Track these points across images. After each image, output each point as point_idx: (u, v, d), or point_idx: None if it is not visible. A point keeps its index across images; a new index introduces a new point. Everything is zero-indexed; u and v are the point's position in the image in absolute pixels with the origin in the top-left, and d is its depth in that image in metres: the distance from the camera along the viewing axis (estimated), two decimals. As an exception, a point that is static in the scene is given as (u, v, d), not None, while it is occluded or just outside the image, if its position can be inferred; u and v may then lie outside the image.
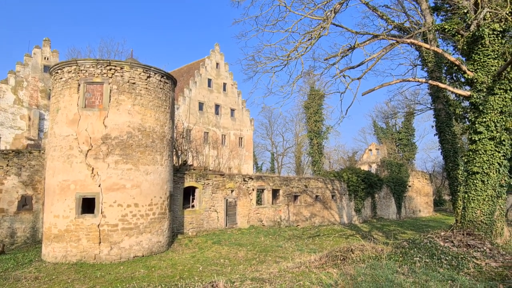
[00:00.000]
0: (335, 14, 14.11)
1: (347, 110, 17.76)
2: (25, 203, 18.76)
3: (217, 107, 44.43)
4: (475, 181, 13.25)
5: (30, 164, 19.07)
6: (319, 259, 11.01)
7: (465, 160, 14.07)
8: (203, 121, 42.23)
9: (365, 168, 50.51)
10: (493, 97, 12.88)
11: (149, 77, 17.20)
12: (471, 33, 13.44)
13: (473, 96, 13.31)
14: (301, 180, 29.49)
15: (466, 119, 16.22)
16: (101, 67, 16.27)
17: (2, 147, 30.91)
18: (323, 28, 14.07)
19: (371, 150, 58.65)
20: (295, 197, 28.60)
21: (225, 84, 45.88)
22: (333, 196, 31.72)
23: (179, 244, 18.63)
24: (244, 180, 25.18)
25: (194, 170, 23.26)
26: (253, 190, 25.46)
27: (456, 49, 15.71)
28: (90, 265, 14.59)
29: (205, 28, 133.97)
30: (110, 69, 16.33)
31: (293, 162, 62.01)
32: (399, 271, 8.69)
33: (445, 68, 17.74)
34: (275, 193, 27.42)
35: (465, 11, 13.79)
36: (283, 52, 15.16)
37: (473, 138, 13.39)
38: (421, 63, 19.12)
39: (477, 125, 13.23)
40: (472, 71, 13.50)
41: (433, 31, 15.77)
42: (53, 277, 12.93)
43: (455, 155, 17.83)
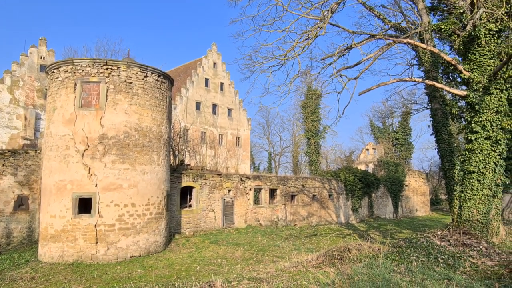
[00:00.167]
0: (332, 14, 14.13)
1: (344, 110, 17.83)
2: (21, 203, 18.66)
3: (214, 106, 44.38)
4: (471, 181, 13.31)
5: (26, 164, 18.99)
6: (316, 258, 11.02)
7: (462, 160, 14.14)
8: (200, 120, 42.19)
9: (362, 167, 50.61)
10: (489, 96, 12.95)
11: (146, 76, 17.16)
12: (467, 33, 13.50)
13: (469, 96, 13.37)
14: (298, 180, 29.52)
15: (463, 118, 16.30)
16: (97, 66, 16.21)
17: (-2, 147, 30.74)
18: (320, 27, 14.09)
19: (368, 149, 58.82)
20: (292, 196, 28.63)
21: (222, 84, 45.84)
22: (330, 196, 31.77)
23: (176, 244, 18.60)
24: (242, 180, 25.18)
25: (191, 169, 23.23)
26: (250, 189, 25.46)
27: (452, 49, 15.80)
28: (87, 265, 14.54)
29: (202, 27, 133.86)
30: (107, 69, 16.28)
31: (290, 162, 62.08)
32: (396, 270, 8.72)
33: (441, 68, 17.83)
34: (272, 192, 27.44)
35: (461, 11, 13.85)
36: (280, 51, 15.19)
37: (469, 138, 13.46)
38: (417, 63, 19.20)
39: (473, 124, 13.29)
40: (468, 71, 13.56)
41: (430, 31, 15.84)
42: (50, 277, 12.87)
43: (451, 154, 17.92)
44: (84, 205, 15.75)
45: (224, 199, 23.75)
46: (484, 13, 12.84)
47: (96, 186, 15.56)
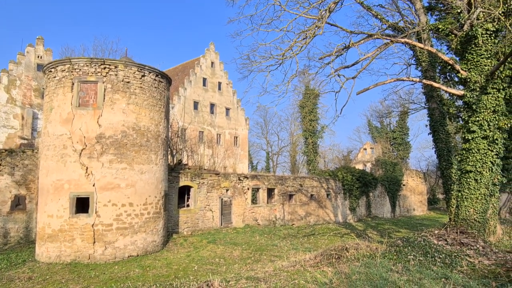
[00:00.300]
0: (330, 13, 14.14)
1: (342, 109, 17.82)
2: (18, 203, 18.60)
3: (212, 106, 44.34)
4: (468, 180, 13.35)
5: (24, 163, 18.92)
6: (314, 257, 11.04)
7: (459, 159, 14.18)
8: (198, 120, 42.14)
9: (360, 167, 50.72)
10: (486, 96, 12.99)
11: (143, 76, 17.13)
12: (464, 33, 13.54)
13: (467, 96, 13.41)
14: (296, 179, 29.55)
15: (460, 118, 16.36)
16: (95, 65, 16.17)
17: (-5, 147, 30.62)
18: (318, 27, 14.10)
19: (365, 149, 58.96)
20: (290, 196, 28.65)
21: (220, 83, 45.80)
22: (328, 195, 31.82)
23: (174, 244, 18.59)
24: (239, 179, 25.18)
25: (189, 169, 23.21)
26: (248, 189, 25.46)
27: (449, 49, 15.83)
28: (85, 265, 14.51)
29: (200, 27, 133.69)
30: (104, 68, 16.24)
31: (288, 161, 62.15)
32: (393, 269, 8.74)
33: (439, 67, 17.87)
34: (270, 192, 27.45)
35: (459, 11, 13.88)
36: (278, 51, 15.22)
37: (466, 137, 13.50)
38: (415, 63, 19.21)
39: (470, 124, 13.33)
40: (466, 71, 13.60)
41: (427, 30, 15.87)
42: (47, 277, 12.84)
43: (448, 154, 17.95)
44: (82, 205, 15.70)
45: (222, 199, 23.75)
46: (481, 13, 12.87)
47: (93, 185, 15.52)
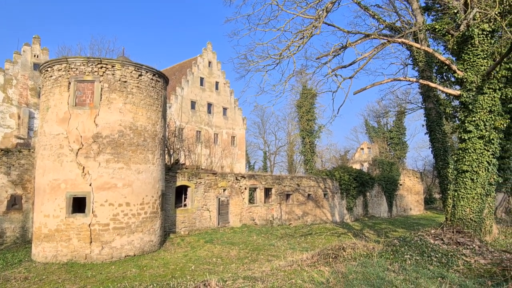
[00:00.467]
0: (327, 13, 14.15)
1: (339, 109, 17.90)
2: (14, 203, 18.52)
3: (209, 105, 44.28)
4: (464, 179, 13.41)
5: (20, 163, 18.84)
6: (311, 257, 11.05)
7: (455, 159, 14.24)
8: (196, 120, 42.08)
9: (357, 166, 50.80)
10: (483, 96, 13.05)
11: (140, 75, 17.09)
12: (461, 33, 13.59)
13: (463, 96, 13.47)
14: (293, 179, 29.58)
15: (456, 118, 16.42)
16: (92, 65, 16.11)
17: (-10, 146, 30.44)
18: (315, 27, 14.11)
19: (362, 149, 59.03)
20: (288, 195, 28.68)
21: (217, 83, 45.74)
22: (325, 195, 31.87)
23: (171, 243, 18.56)
24: (237, 179, 25.17)
25: (186, 169, 23.18)
26: (245, 189, 25.46)
27: (446, 49, 15.88)
28: (81, 265, 14.47)
29: (197, 26, 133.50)
30: (101, 67, 16.18)
31: (285, 161, 62.16)
32: (390, 268, 8.77)
33: (435, 67, 17.94)
34: (267, 192, 27.46)
35: (455, 11, 13.94)
36: (275, 51, 15.19)
37: (462, 137, 13.56)
38: (412, 63, 19.30)
39: (466, 124, 13.39)
40: (462, 71, 13.65)
41: (424, 30, 15.92)
42: (43, 277, 12.79)
43: (445, 153, 18.04)
44: (78, 205, 15.65)
45: (219, 198, 23.73)
46: (478, 13, 12.93)
47: (90, 185, 15.47)
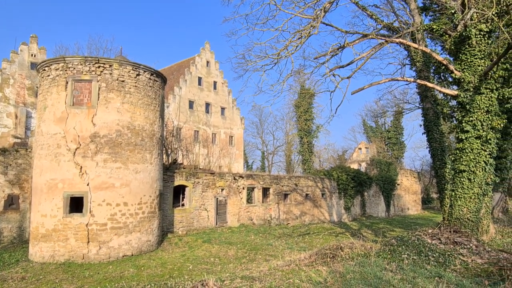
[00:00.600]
0: (325, 13, 14.17)
1: (337, 109, 17.91)
2: (11, 203, 18.45)
3: (207, 105, 44.26)
4: (462, 179, 13.45)
5: (17, 162, 18.77)
6: (308, 257, 11.07)
7: (452, 159, 14.28)
8: (194, 119, 42.04)
9: (354, 166, 50.89)
10: (480, 96, 13.09)
11: (138, 75, 17.05)
12: (458, 33, 13.63)
13: (460, 96, 13.51)
14: (291, 179, 29.59)
15: (454, 118, 16.47)
16: (89, 64, 16.06)
17: (-13, 146, 30.27)
18: (313, 27, 14.12)
19: (360, 148, 59.18)
20: (285, 195, 28.69)
21: (215, 83, 45.72)
22: (323, 195, 31.90)
23: (169, 243, 18.54)
24: (235, 179, 25.16)
25: (184, 168, 23.16)
26: (243, 188, 25.45)
27: (444, 49, 15.94)
28: (79, 265, 14.42)
29: (195, 26, 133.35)
30: (99, 67, 16.14)
31: (283, 161, 62.17)
32: (388, 268, 8.79)
33: (433, 67, 17.98)
34: (265, 191, 27.47)
35: (453, 11, 13.98)
36: (273, 50, 15.20)
37: (460, 137, 13.60)
38: (409, 63, 19.33)
39: (464, 124, 13.43)
40: (459, 71, 13.69)
41: (422, 31, 15.96)
42: (41, 277, 12.75)
43: (442, 153, 18.07)
44: (76, 204, 15.60)
45: (217, 198, 23.72)
46: (475, 14, 12.96)
47: (87, 185, 15.43)
